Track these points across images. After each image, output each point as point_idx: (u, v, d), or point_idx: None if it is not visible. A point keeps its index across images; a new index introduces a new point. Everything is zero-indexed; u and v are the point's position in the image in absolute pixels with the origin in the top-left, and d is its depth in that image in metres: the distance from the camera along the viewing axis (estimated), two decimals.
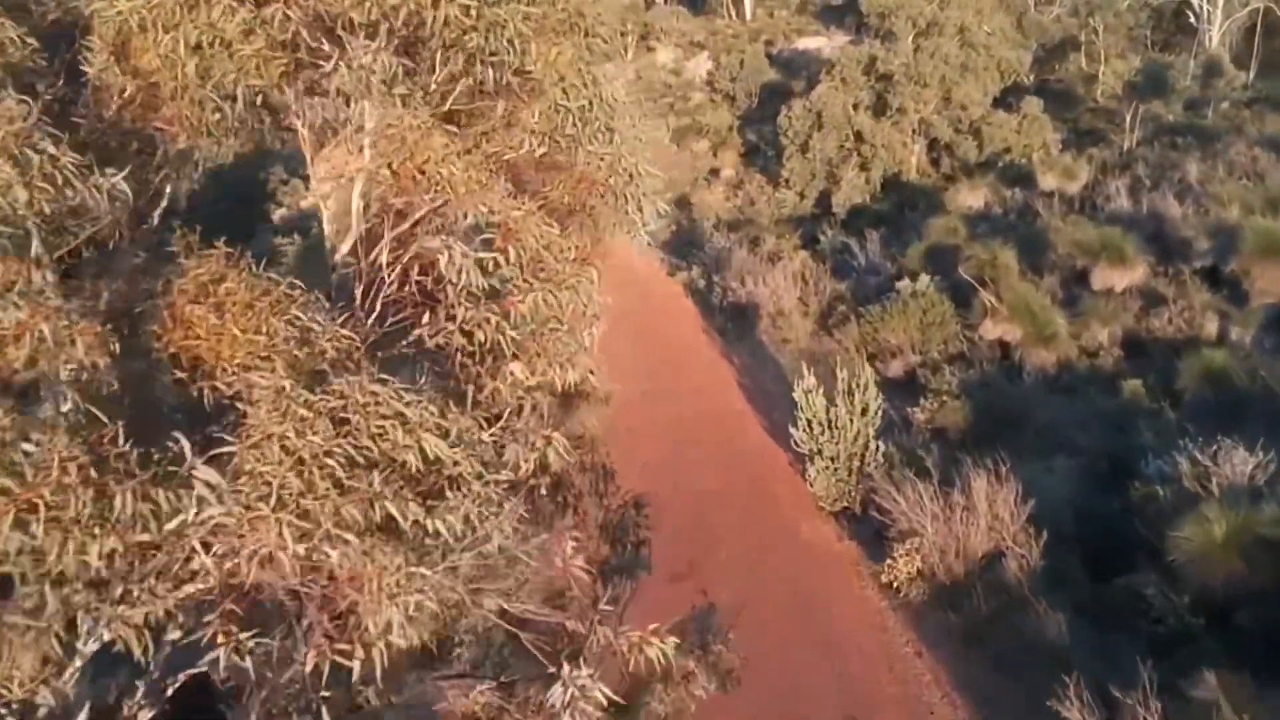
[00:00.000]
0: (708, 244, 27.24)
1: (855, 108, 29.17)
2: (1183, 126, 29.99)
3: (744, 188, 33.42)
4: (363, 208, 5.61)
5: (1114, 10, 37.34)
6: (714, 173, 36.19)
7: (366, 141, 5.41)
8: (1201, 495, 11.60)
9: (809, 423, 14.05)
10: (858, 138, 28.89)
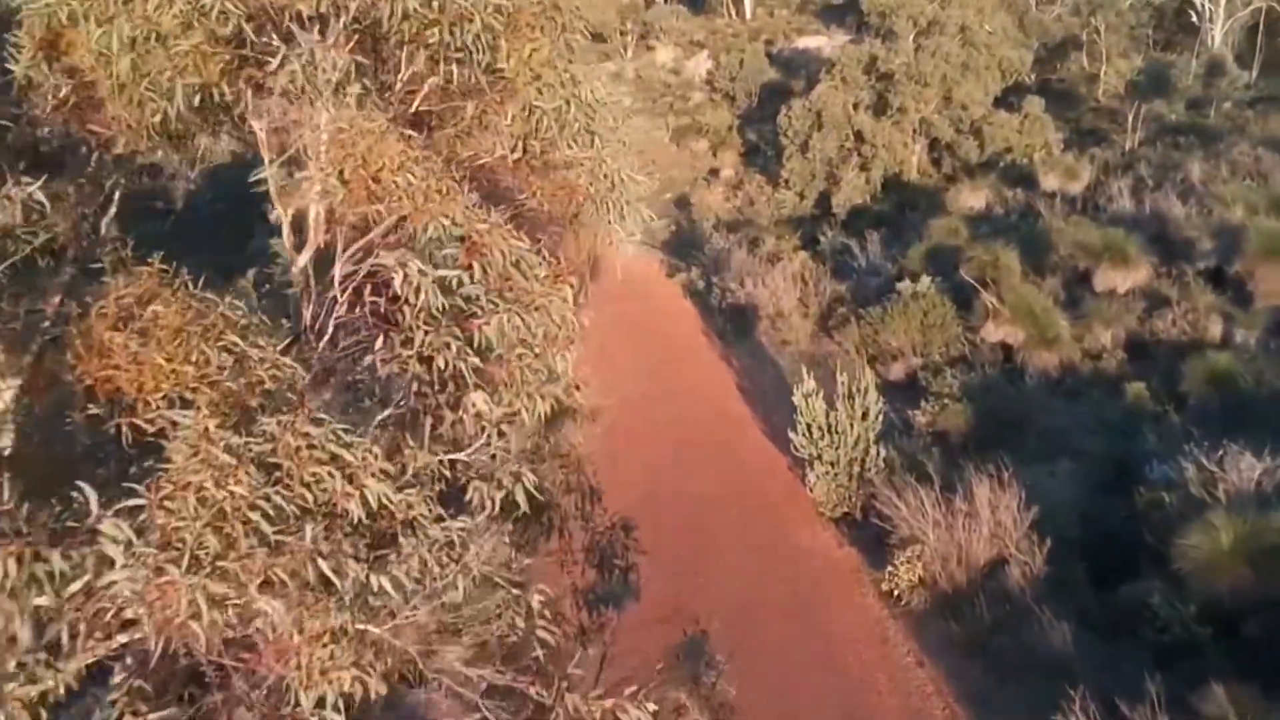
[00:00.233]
0: (707, 244, 27.06)
1: (855, 107, 29.00)
2: (1185, 126, 29.82)
3: (743, 188, 33.25)
4: (321, 217, 5.15)
5: (1115, 9, 37.16)
6: (713, 173, 36.05)
7: (319, 146, 4.92)
8: (1208, 501, 11.42)
9: (809, 427, 13.85)
10: (858, 138, 28.72)
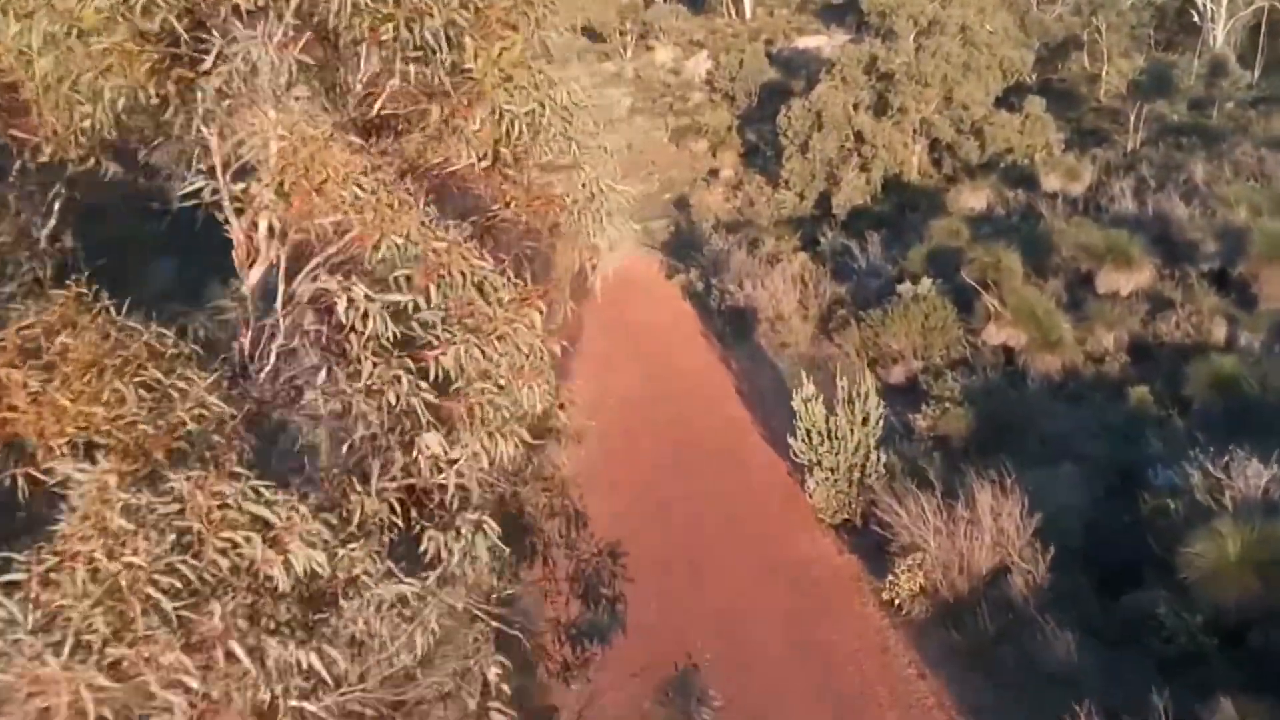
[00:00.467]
0: (706, 245, 26.87)
1: (856, 107, 28.82)
2: (1187, 126, 29.66)
3: (743, 188, 33.09)
4: (264, 233, 4.55)
5: (1117, 9, 36.99)
6: (713, 173, 35.91)
7: (260, 155, 4.36)
8: (1214, 509, 11.23)
9: (808, 433, 13.65)
10: (858, 138, 28.54)
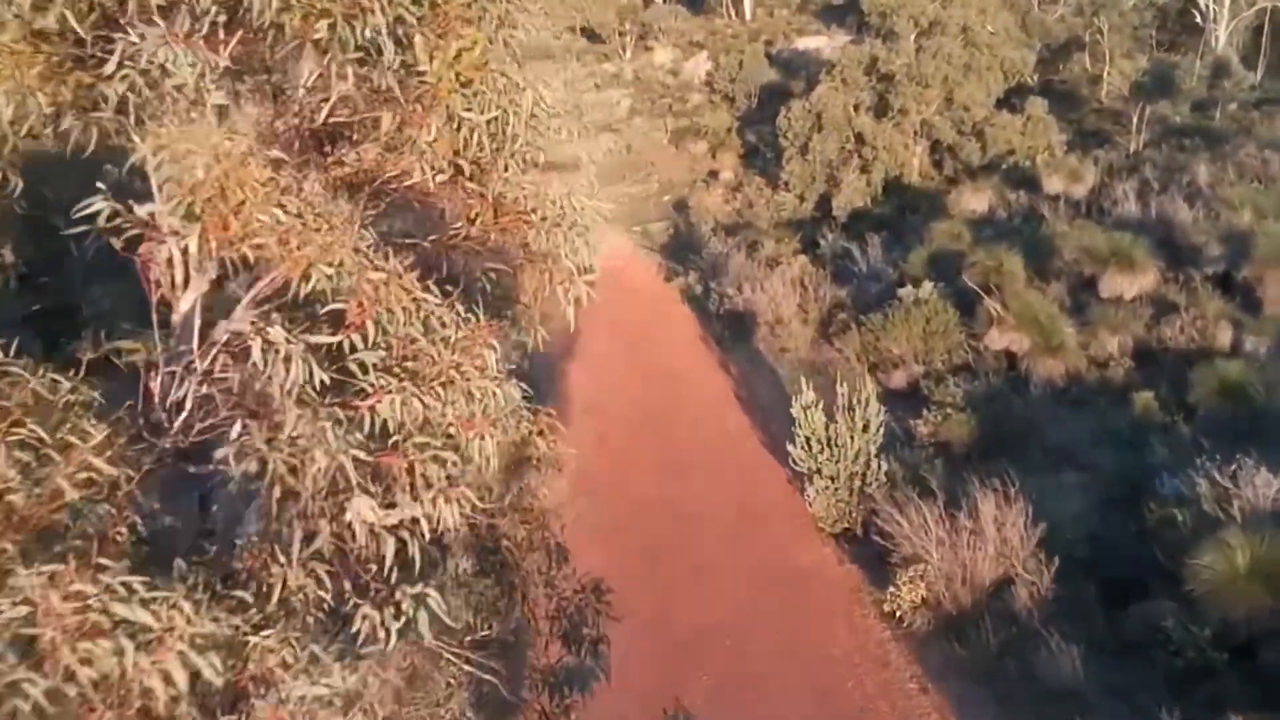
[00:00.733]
0: (705, 248, 26.64)
1: (856, 109, 28.60)
2: (1190, 128, 29.43)
3: (743, 190, 32.87)
4: (179, 261, 3.88)
5: (1118, 10, 36.80)
6: (712, 175, 35.71)
7: (167, 172, 3.72)
8: (1222, 519, 11.01)
9: (808, 440, 13.42)
10: (858, 139, 28.32)
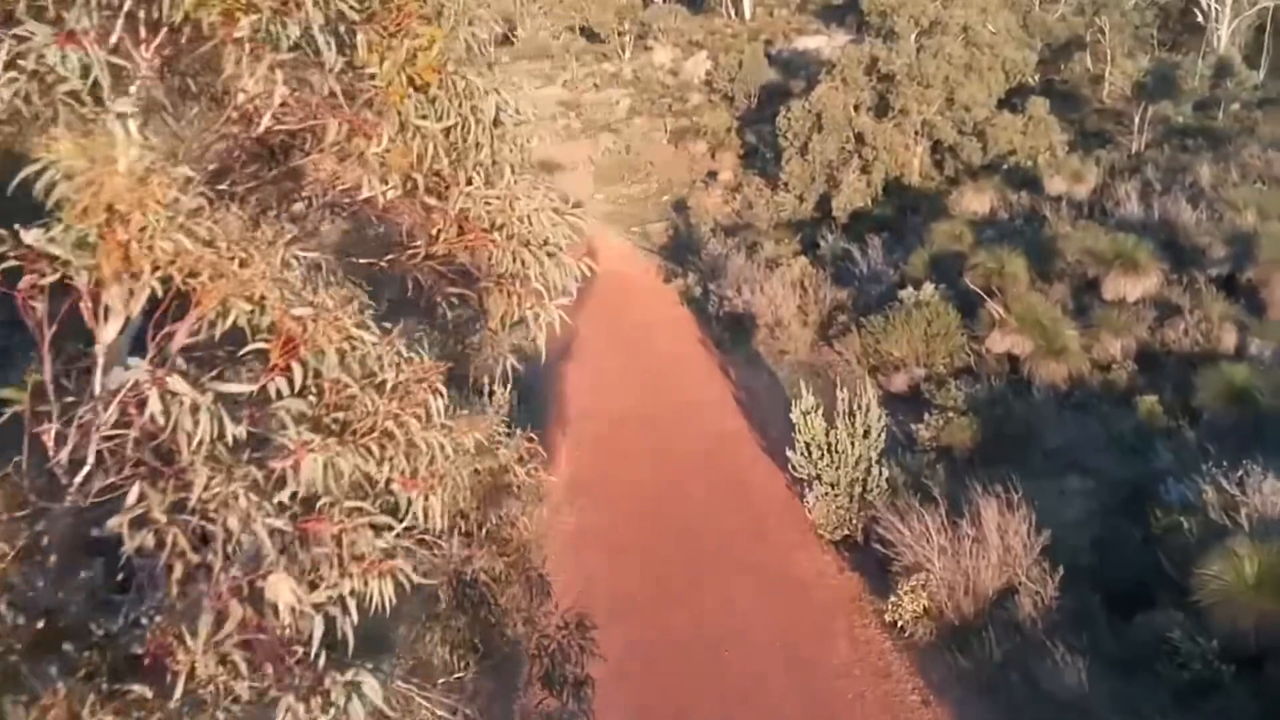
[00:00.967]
0: (704, 249, 26.43)
1: (856, 109, 28.40)
2: (1193, 128, 29.25)
3: (742, 191, 32.67)
4: (85, 293, 3.33)
5: (1120, 9, 36.61)
6: (712, 175, 35.53)
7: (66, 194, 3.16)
8: (1229, 527, 10.82)
9: (807, 446, 13.21)
10: (859, 140, 28.12)
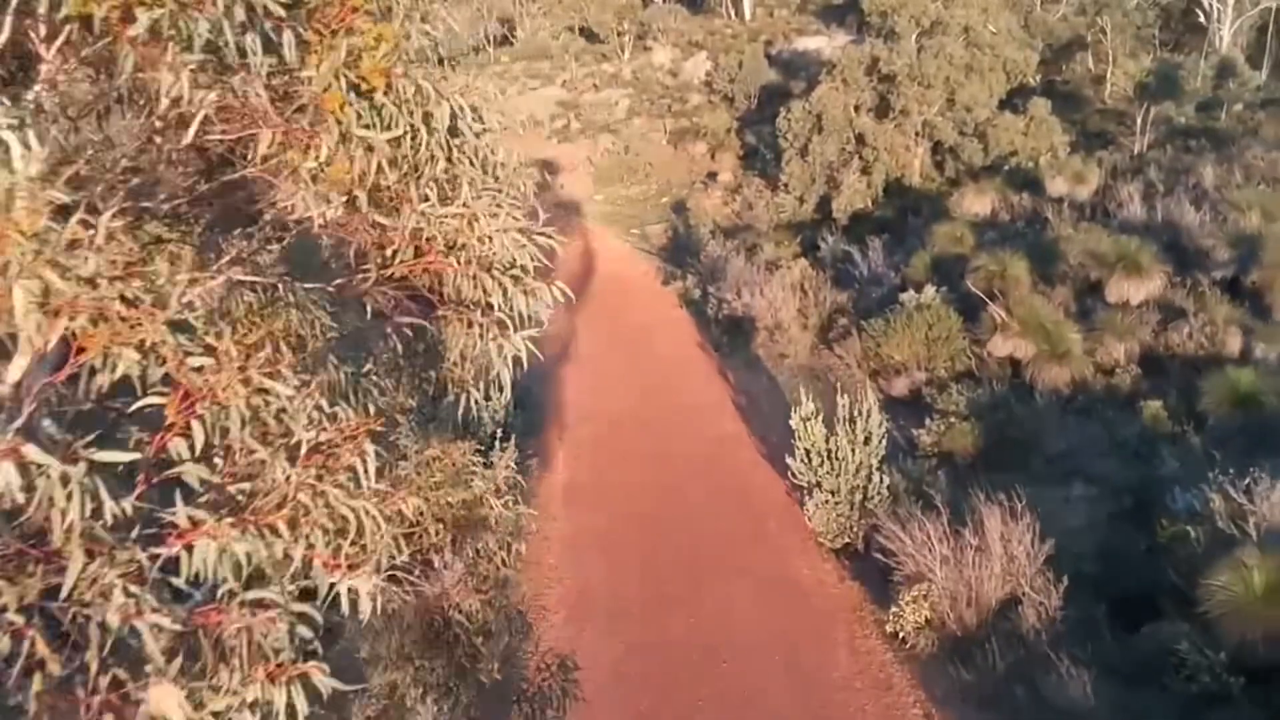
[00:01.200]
0: (704, 251, 26.23)
1: (856, 109, 28.21)
2: (1195, 129, 29.03)
3: (742, 192, 32.51)
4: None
5: (1122, 9, 36.42)
6: (711, 176, 35.36)
7: None
8: (1237, 537, 10.61)
9: (807, 453, 13.00)
10: (859, 140, 27.92)
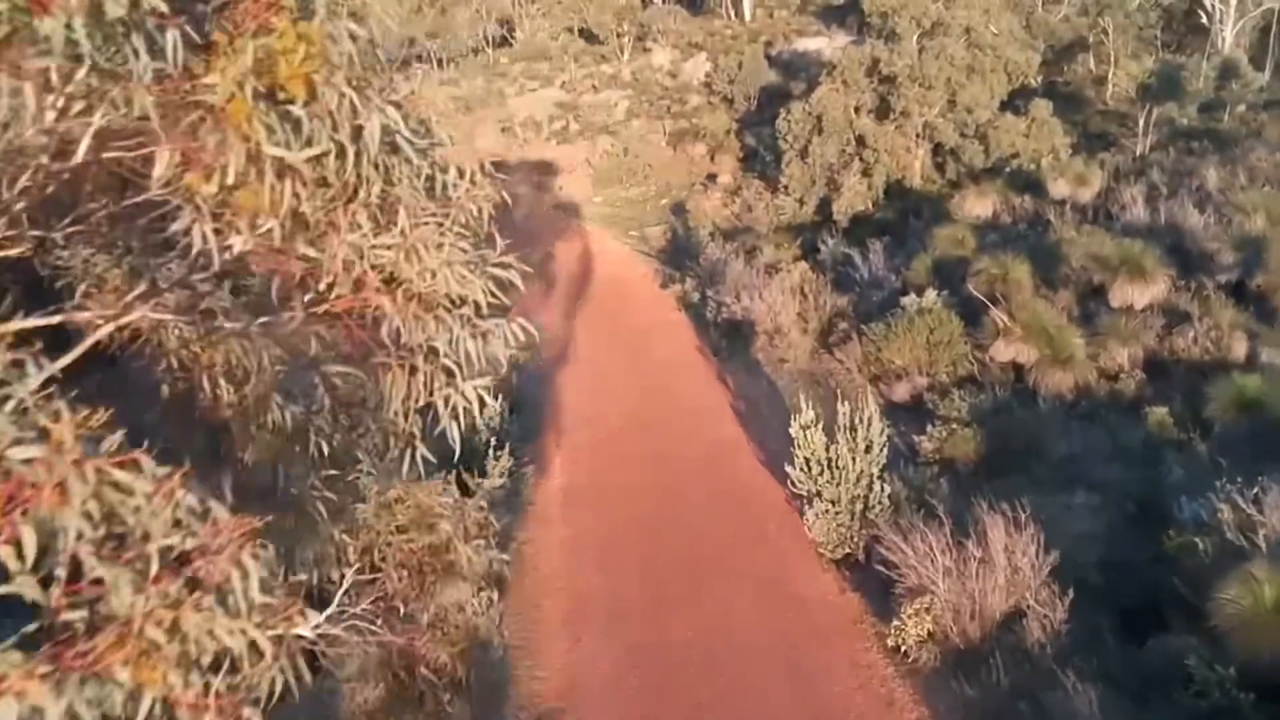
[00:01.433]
0: (703, 253, 26.01)
1: (857, 111, 28.02)
2: (1198, 130, 28.87)
3: (742, 193, 32.35)
4: None
5: (1124, 10, 36.23)
6: (711, 178, 35.18)
7: None
8: (1246, 549, 10.39)
9: (807, 461, 12.78)
10: (859, 142, 27.73)
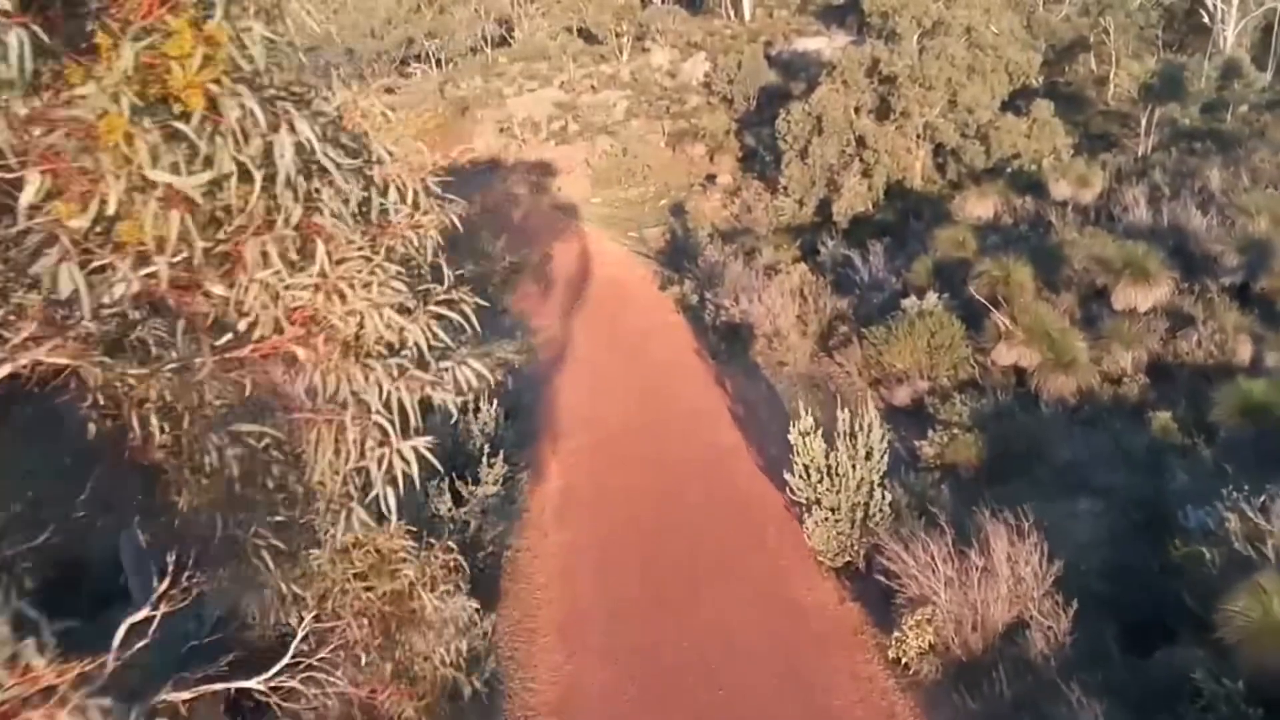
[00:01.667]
0: (702, 255, 25.81)
1: (857, 111, 27.83)
2: (1201, 131, 28.66)
3: (741, 194, 32.15)
4: None
5: (1125, 10, 36.05)
6: (710, 178, 34.99)
7: None
8: (1254, 559, 10.19)
9: (806, 469, 12.58)
10: (860, 143, 27.54)
